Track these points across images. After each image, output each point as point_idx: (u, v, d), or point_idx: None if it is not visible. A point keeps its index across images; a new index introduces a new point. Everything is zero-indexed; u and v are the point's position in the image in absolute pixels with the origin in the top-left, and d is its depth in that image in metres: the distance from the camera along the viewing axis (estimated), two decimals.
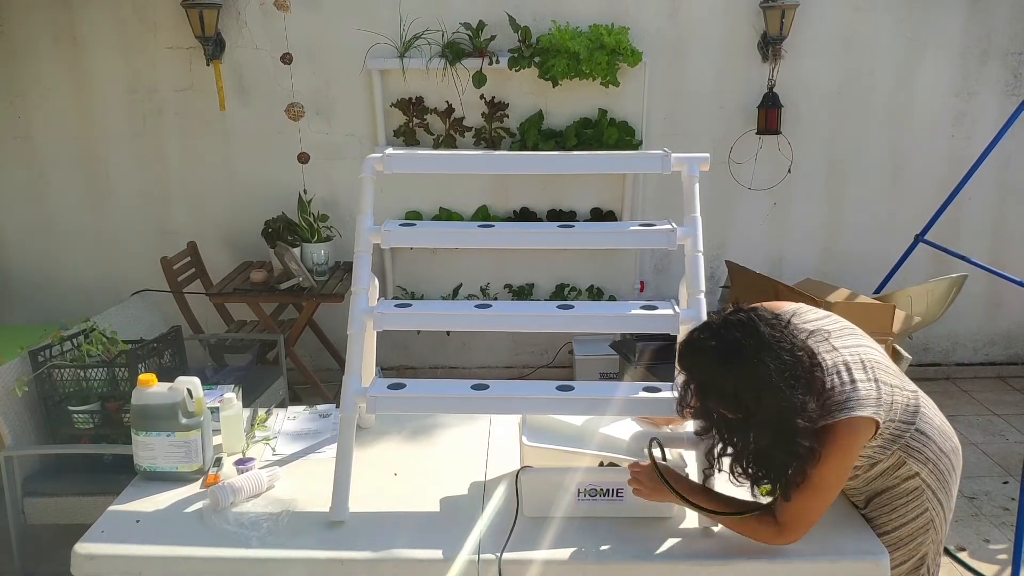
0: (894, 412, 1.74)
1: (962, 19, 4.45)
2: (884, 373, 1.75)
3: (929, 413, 1.83)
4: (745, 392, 1.62)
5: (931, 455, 1.80)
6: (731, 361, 1.63)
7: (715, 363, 1.66)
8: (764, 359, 1.61)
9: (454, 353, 4.85)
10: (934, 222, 3.84)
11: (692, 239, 2.05)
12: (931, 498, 1.81)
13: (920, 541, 1.84)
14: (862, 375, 1.71)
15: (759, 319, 1.67)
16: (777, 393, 1.60)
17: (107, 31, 4.38)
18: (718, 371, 1.65)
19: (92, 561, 1.80)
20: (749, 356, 1.62)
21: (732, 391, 1.63)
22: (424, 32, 4.32)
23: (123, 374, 2.75)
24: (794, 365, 1.63)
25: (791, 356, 1.64)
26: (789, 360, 1.63)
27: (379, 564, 1.78)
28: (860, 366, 1.73)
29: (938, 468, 1.81)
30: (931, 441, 1.80)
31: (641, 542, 1.80)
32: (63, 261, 4.70)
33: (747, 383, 1.62)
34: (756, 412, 1.63)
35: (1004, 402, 4.53)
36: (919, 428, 1.79)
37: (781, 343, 1.64)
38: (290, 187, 4.50)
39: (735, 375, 1.63)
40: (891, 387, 1.75)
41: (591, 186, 4.59)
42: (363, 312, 2.02)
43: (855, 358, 1.74)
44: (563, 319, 2.06)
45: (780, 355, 1.62)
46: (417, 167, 2.66)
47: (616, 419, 2.05)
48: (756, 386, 1.61)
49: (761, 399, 1.61)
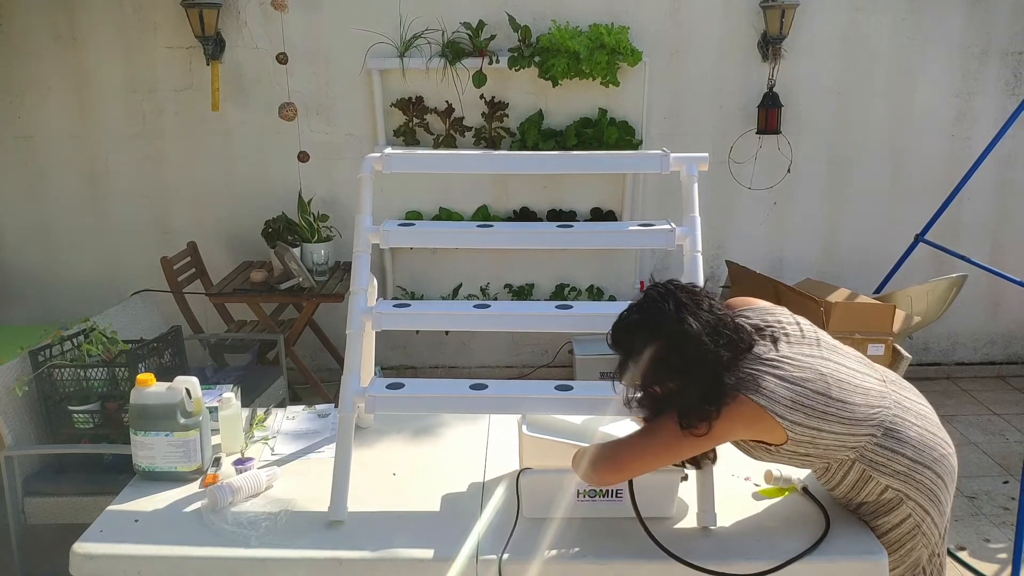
0: (829, 424, 1.69)
1: (962, 19, 4.45)
2: (827, 387, 1.70)
3: (904, 427, 1.78)
4: (674, 354, 1.67)
5: (901, 468, 1.75)
6: (656, 326, 1.69)
7: (642, 333, 1.71)
8: (686, 317, 1.67)
9: (453, 353, 4.85)
10: (934, 222, 3.84)
11: (691, 239, 2.05)
12: (914, 507, 1.78)
13: (910, 547, 1.82)
14: (778, 377, 1.69)
15: (676, 288, 1.75)
16: (702, 346, 1.65)
17: (107, 31, 4.38)
18: (646, 340, 1.70)
19: (91, 561, 1.79)
20: (672, 318, 1.68)
21: (663, 358, 1.68)
22: (424, 32, 4.33)
23: (123, 374, 2.75)
24: (716, 323, 1.69)
25: (710, 315, 1.70)
26: (709, 318, 1.69)
27: (378, 564, 1.78)
28: (788, 369, 1.70)
29: (912, 479, 1.76)
30: (900, 456, 1.75)
31: (641, 542, 1.80)
32: (63, 261, 4.70)
33: (673, 344, 1.67)
34: (687, 371, 1.67)
35: (1004, 402, 4.53)
36: (884, 444, 1.74)
37: (700, 304, 1.71)
38: (290, 187, 4.50)
39: (662, 339, 1.68)
40: (835, 403, 1.70)
41: (591, 186, 4.59)
42: (362, 312, 2.02)
43: (788, 362, 1.71)
44: (563, 319, 2.06)
45: (699, 314, 1.69)
46: (417, 167, 2.66)
47: (616, 418, 2.04)
48: (683, 344, 1.66)
49: (688, 356, 1.66)
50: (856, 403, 1.73)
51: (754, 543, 1.76)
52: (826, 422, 1.70)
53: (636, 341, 1.71)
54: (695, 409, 1.68)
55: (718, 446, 1.79)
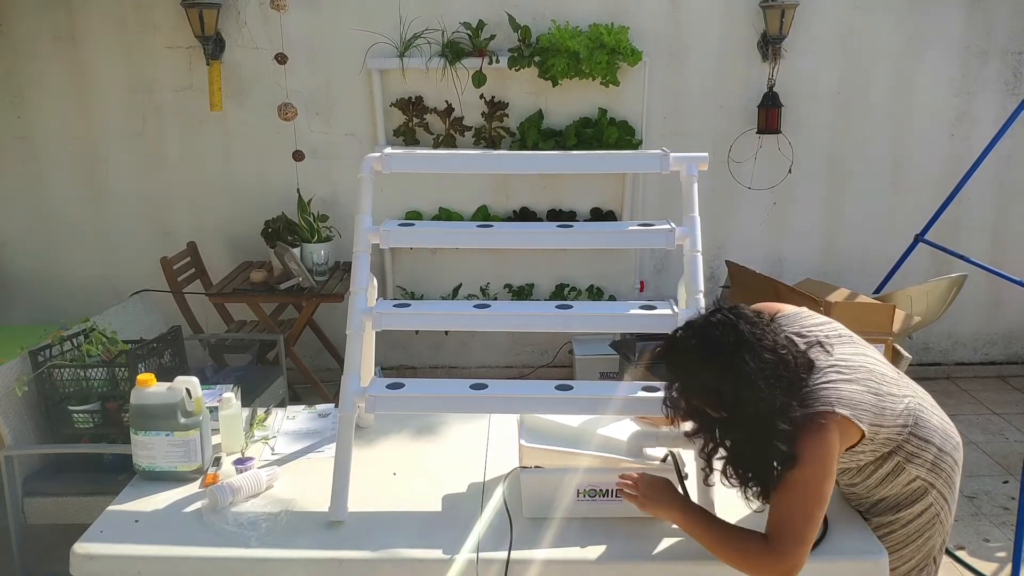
0: (885, 419, 1.72)
1: (962, 18, 4.45)
2: (877, 384, 1.73)
3: (928, 416, 1.82)
4: (726, 390, 1.62)
5: (931, 457, 1.79)
6: (711, 359, 1.64)
7: (696, 361, 1.66)
8: (744, 356, 1.61)
9: (453, 353, 4.85)
10: (934, 222, 3.84)
11: (691, 239, 2.05)
12: (936, 496, 1.81)
13: (927, 536, 1.84)
14: (848, 380, 1.69)
15: (739, 317, 1.67)
16: (756, 391, 1.59)
17: (107, 31, 4.38)
18: (699, 369, 1.66)
19: (91, 561, 1.79)
20: (729, 353, 1.62)
21: (714, 388, 1.64)
22: (424, 32, 4.32)
23: (123, 374, 2.75)
24: (775, 364, 1.62)
25: (772, 355, 1.63)
26: (770, 359, 1.62)
27: (378, 564, 1.78)
28: (850, 371, 1.71)
29: (939, 467, 1.80)
30: (931, 444, 1.79)
31: (641, 542, 1.80)
32: (63, 261, 4.70)
33: (727, 381, 1.62)
34: (736, 410, 1.63)
35: (1004, 401, 4.53)
36: (917, 434, 1.77)
37: (762, 341, 1.64)
38: (290, 187, 4.50)
39: (715, 373, 1.63)
40: (885, 396, 1.73)
41: (591, 186, 4.59)
42: (362, 312, 2.02)
43: (846, 365, 1.73)
44: (563, 319, 2.06)
45: (760, 353, 1.62)
46: (416, 167, 2.66)
47: (614, 420, 2.04)
48: (736, 384, 1.61)
49: (740, 396, 1.61)
50: (895, 394, 1.75)
51: None
52: (884, 417, 1.71)
53: (688, 365, 1.68)
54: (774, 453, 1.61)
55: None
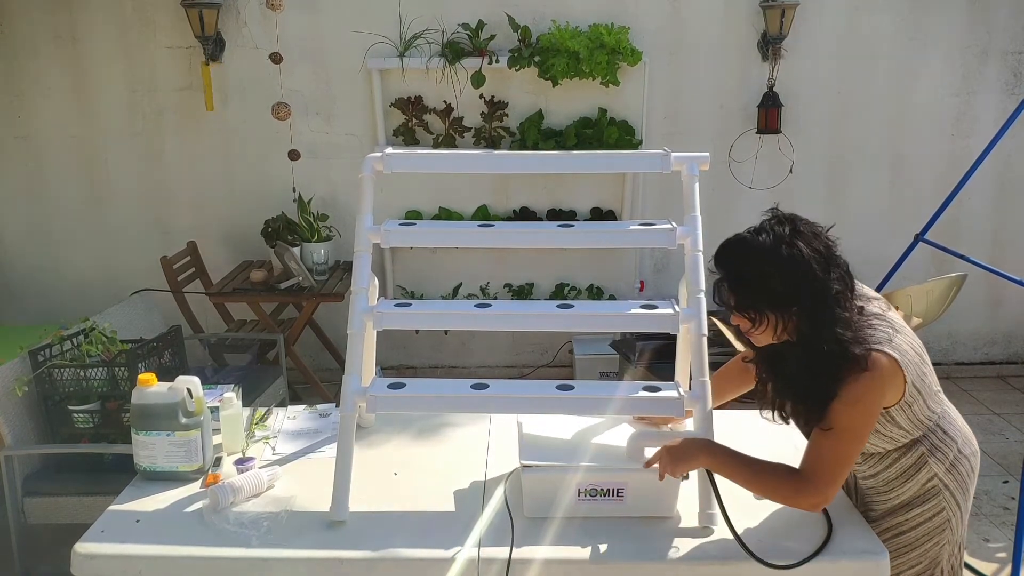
0: (924, 388, 1.70)
1: (962, 19, 4.45)
2: (919, 354, 1.71)
3: (954, 414, 1.82)
4: (777, 275, 1.60)
5: (952, 455, 1.78)
6: (767, 248, 1.63)
7: (751, 252, 1.65)
8: (799, 244, 1.60)
9: (454, 352, 4.85)
10: (934, 221, 3.83)
11: (692, 238, 2.05)
12: (948, 499, 1.79)
13: (936, 541, 1.82)
14: (897, 332, 1.67)
15: (795, 217, 1.68)
16: (811, 273, 1.58)
17: (107, 31, 4.38)
18: (754, 260, 1.64)
19: (92, 561, 1.79)
20: (784, 242, 1.61)
21: (767, 277, 1.62)
22: (424, 32, 4.33)
23: (123, 374, 2.75)
24: (829, 258, 1.62)
25: (827, 250, 1.63)
26: (824, 252, 1.62)
27: (379, 564, 1.77)
28: (900, 327, 1.70)
29: (956, 469, 1.79)
30: (953, 442, 1.79)
31: (641, 542, 1.80)
32: (63, 261, 4.70)
33: (784, 269, 1.60)
34: (795, 302, 1.60)
35: (1004, 401, 4.53)
36: (942, 427, 1.77)
37: (817, 234, 1.64)
38: (289, 186, 4.49)
39: (771, 262, 1.61)
40: (926, 365, 1.71)
41: (591, 186, 4.59)
42: (363, 312, 2.02)
43: (896, 321, 1.71)
44: (563, 318, 2.06)
45: (813, 243, 1.62)
46: (417, 167, 2.65)
47: (611, 427, 2.04)
48: (794, 272, 1.59)
49: (799, 286, 1.59)
50: (931, 376, 1.74)
51: (756, 543, 1.76)
52: (924, 385, 1.69)
53: (740, 256, 1.66)
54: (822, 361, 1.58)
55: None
